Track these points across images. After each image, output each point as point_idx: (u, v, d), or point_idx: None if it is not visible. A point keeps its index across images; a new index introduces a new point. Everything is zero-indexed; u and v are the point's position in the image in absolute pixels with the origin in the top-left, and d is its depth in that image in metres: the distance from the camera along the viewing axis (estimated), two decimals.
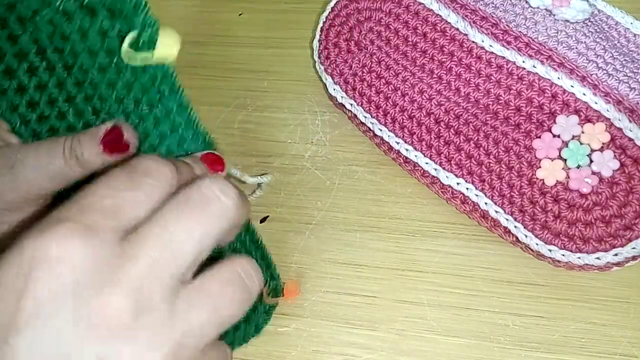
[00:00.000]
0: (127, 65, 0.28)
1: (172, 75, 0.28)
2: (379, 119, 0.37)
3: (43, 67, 0.31)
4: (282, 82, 0.43)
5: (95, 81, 0.30)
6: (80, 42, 0.29)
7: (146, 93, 0.29)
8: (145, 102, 0.29)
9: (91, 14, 0.28)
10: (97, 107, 0.30)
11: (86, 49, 0.29)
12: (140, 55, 0.27)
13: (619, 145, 0.31)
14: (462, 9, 0.36)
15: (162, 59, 0.27)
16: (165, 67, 0.28)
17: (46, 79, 0.31)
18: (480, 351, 0.33)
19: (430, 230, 0.37)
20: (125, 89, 0.29)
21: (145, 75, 0.28)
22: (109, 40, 0.28)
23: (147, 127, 0.29)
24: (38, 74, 0.31)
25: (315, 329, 0.35)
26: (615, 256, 0.30)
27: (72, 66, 0.30)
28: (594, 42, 0.34)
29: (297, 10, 0.45)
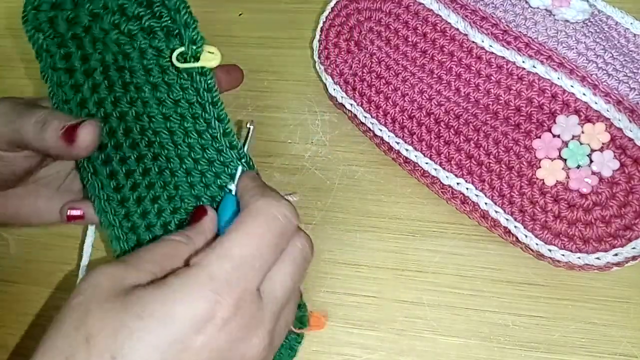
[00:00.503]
0: (174, 83, 0.32)
1: (213, 89, 0.32)
2: (379, 119, 0.37)
3: (104, 86, 0.33)
4: (282, 82, 0.43)
5: (146, 98, 0.33)
6: (138, 60, 0.32)
7: (189, 107, 0.32)
8: (189, 116, 0.32)
9: (150, 35, 0.32)
10: (145, 126, 0.33)
11: (141, 67, 0.32)
12: (185, 66, 0.31)
13: (619, 145, 0.31)
14: (462, 9, 0.36)
15: (203, 71, 0.31)
16: (208, 80, 0.31)
17: (104, 95, 0.33)
18: (480, 351, 0.33)
19: (430, 230, 0.37)
20: (172, 106, 0.32)
21: (190, 90, 0.32)
22: (163, 59, 0.32)
23: (192, 142, 0.32)
24: (99, 90, 0.33)
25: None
26: (615, 256, 0.30)
27: (129, 83, 0.33)
28: (594, 42, 0.34)
29: (297, 10, 0.45)
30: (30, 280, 0.39)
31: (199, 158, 0.32)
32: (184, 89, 0.32)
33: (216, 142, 0.32)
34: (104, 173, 0.33)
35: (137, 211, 0.33)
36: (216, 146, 0.32)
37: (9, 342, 0.38)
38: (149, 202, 0.33)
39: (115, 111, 0.33)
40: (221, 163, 0.32)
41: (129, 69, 0.33)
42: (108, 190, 0.33)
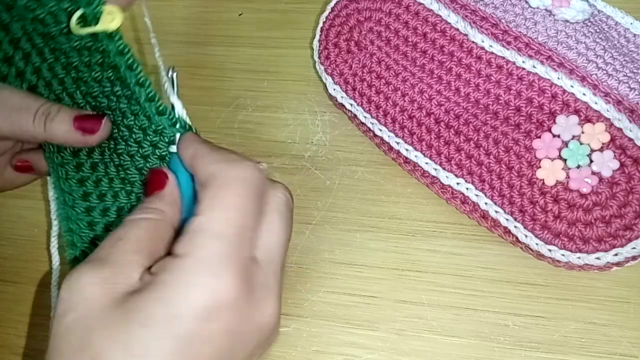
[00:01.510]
0: (85, 45, 0.30)
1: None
2: (379, 119, 0.37)
3: (35, 53, 0.32)
4: (282, 82, 0.43)
5: (74, 63, 0.32)
6: (54, 24, 0.31)
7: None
8: (117, 83, 0.31)
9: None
10: (82, 91, 0.32)
11: (59, 32, 0.31)
12: (85, 30, 0.29)
13: (619, 145, 0.31)
14: (462, 9, 0.36)
15: (104, 31, 0.29)
16: (117, 45, 0.29)
17: (38, 63, 0.32)
18: (480, 351, 0.33)
19: (430, 230, 0.37)
20: (99, 70, 0.31)
21: (111, 57, 0.30)
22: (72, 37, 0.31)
23: (122, 107, 0.31)
24: (31, 59, 0.32)
25: (315, 329, 0.35)
26: (615, 256, 0.30)
27: (55, 49, 0.32)
28: (593, 42, 0.34)
29: (297, 10, 0.45)
30: (30, 280, 0.39)
31: (131, 125, 0.31)
32: (98, 52, 0.30)
33: (143, 109, 0.30)
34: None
35: (93, 192, 0.33)
36: (146, 113, 0.30)
37: (9, 342, 0.38)
38: (92, 182, 0.33)
39: (54, 79, 0.32)
40: (154, 132, 0.30)
41: (50, 36, 0.31)
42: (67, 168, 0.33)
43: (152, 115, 0.30)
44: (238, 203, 0.25)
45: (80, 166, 0.33)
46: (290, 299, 0.36)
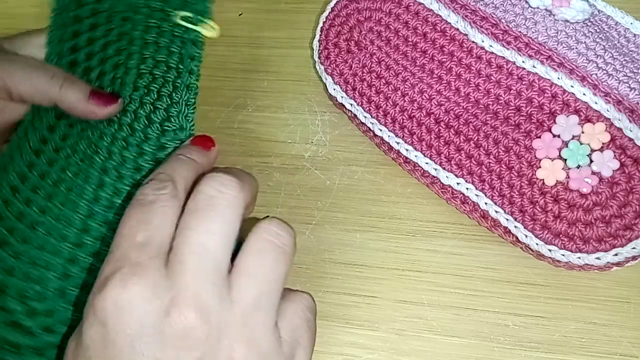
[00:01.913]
0: (166, 45, 0.34)
1: (198, 60, 0.34)
2: (379, 119, 0.37)
3: (102, 30, 0.35)
4: (282, 82, 0.43)
5: (132, 51, 0.34)
6: (145, 16, 0.35)
7: (167, 71, 0.34)
8: (160, 78, 0.34)
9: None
10: (116, 75, 0.34)
11: (143, 21, 0.35)
12: (185, 23, 0.33)
13: (619, 145, 0.31)
14: (462, 9, 0.36)
15: (199, 32, 0.34)
16: (197, 50, 0.34)
17: (97, 36, 0.35)
18: (480, 351, 0.33)
19: (430, 230, 0.37)
20: (152, 63, 0.34)
21: (174, 56, 0.34)
22: (164, 22, 0.34)
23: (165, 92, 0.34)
24: (95, 33, 0.35)
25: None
26: (615, 256, 0.30)
27: (124, 34, 0.35)
28: (594, 42, 0.34)
29: (297, 10, 0.45)
30: None
31: (144, 115, 0.33)
32: (170, 53, 0.34)
33: (174, 107, 0.33)
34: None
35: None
36: (173, 112, 0.33)
37: None
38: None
39: (99, 53, 0.34)
40: (160, 126, 0.33)
41: (132, 20, 0.34)
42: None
43: (178, 115, 0.33)
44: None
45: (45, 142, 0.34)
46: None
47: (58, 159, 0.33)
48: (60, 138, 0.33)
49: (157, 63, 0.34)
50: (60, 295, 0.28)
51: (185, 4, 0.34)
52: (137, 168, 0.32)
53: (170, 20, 0.34)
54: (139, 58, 0.34)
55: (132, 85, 0.34)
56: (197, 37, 0.34)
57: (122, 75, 0.34)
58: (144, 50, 0.34)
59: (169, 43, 0.34)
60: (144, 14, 0.35)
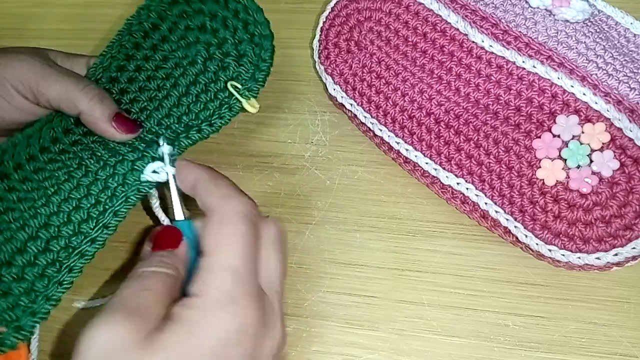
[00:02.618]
0: (204, 100, 0.37)
1: (225, 120, 0.36)
2: (379, 119, 0.37)
3: (150, 68, 0.37)
4: (282, 82, 0.42)
5: (170, 96, 0.37)
6: (199, 67, 0.37)
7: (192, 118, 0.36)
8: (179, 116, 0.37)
9: (224, 61, 0.37)
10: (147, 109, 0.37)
11: (193, 75, 0.37)
12: (233, 91, 0.36)
13: (619, 145, 0.31)
14: (462, 9, 0.36)
15: (240, 103, 0.36)
16: (227, 114, 0.36)
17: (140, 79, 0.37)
18: (480, 351, 0.33)
19: (430, 230, 0.37)
20: (182, 110, 0.37)
21: (206, 110, 0.36)
22: (213, 83, 0.37)
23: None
24: (141, 73, 0.37)
25: (315, 329, 0.35)
26: (615, 256, 0.30)
27: (169, 75, 0.37)
28: (594, 42, 0.34)
29: (297, 10, 0.45)
30: None
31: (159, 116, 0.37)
32: (205, 108, 0.36)
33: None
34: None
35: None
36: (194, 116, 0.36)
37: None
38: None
39: (141, 82, 0.37)
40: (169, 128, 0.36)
41: (184, 68, 0.37)
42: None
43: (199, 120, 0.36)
44: (240, 238, 0.27)
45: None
46: (290, 299, 0.36)
47: (58, 160, 0.35)
48: (71, 142, 0.36)
49: (188, 111, 0.36)
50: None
51: (239, 78, 0.36)
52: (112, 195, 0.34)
53: (218, 83, 0.36)
54: (175, 101, 0.36)
55: (157, 120, 0.36)
56: (236, 105, 0.36)
57: (152, 109, 0.36)
58: (183, 97, 0.37)
59: (207, 100, 0.36)
60: (197, 69, 0.37)
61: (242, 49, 0.36)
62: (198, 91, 0.36)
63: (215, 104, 0.36)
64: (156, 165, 0.34)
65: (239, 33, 0.37)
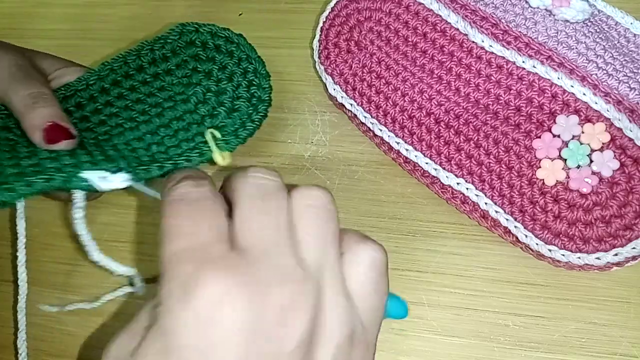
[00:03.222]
0: (185, 138, 0.36)
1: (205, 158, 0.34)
2: (379, 119, 0.37)
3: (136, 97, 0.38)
4: (282, 82, 0.42)
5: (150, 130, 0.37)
6: (187, 106, 0.37)
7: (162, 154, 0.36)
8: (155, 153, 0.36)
9: (217, 108, 0.37)
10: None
11: (176, 114, 0.37)
12: (208, 138, 0.34)
13: (619, 145, 0.31)
14: (462, 9, 0.36)
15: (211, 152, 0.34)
16: (197, 161, 0.34)
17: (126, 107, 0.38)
18: (480, 351, 0.33)
19: (430, 230, 0.37)
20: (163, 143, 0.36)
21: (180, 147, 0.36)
22: (199, 126, 0.36)
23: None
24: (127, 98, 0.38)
25: None
26: (615, 256, 0.30)
27: (155, 105, 0.37)
28: (594, 42, 0.34)
29: (297, 10, 0.45)
30: (31, 280, 0.39)
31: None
32: (178, 147, 0.36)
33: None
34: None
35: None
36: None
37: (9, 342, 0.38)
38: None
39: (116, 109, 0.37)
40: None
41: (172, 99, 0.37)
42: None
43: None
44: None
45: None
46: None
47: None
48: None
49: (160, 142, 0.36)
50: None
51: (223, 129, 0.36)
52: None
53: (201, 127, 0.36)
54: (153, 128, 0.36)
55: (127, 140, 0.36)
56: (208, 153, 0.34)
57: (128, 128, 0.36)
58: (162, 127, 0.36)
59: (183, 138, 0.36)
60: (187, 108, 0.37)
61: (237, 105, 0.37)
62: (179, 127, 0.36)
63: (189, 145, 0.36)
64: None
65: (240, 90, 0.37)
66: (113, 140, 0.36)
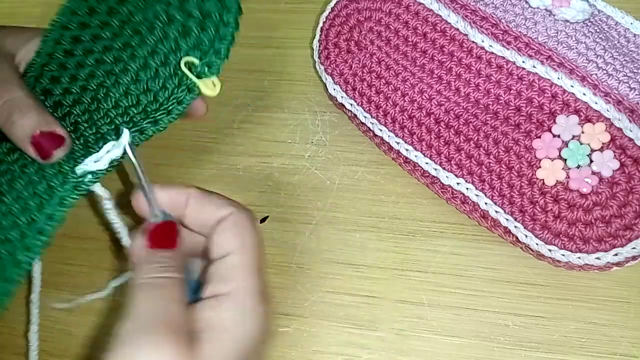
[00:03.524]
0: (162, 77, 0.32)
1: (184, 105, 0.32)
2: (379, 119, 0.37)
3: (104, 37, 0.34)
4: (282, 82, 0.43)
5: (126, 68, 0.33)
6: (156, 39, 0.33)
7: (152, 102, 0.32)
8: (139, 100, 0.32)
9: (184, 32, 0.32)
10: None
11: (149, 48, 0.33)
12: (189, 74, 0.31)
13: (619, 145, 0.31)
14: (462, 9, 0.36)
15: (200, 88, 0.31)
16: (186, 98, 0.31)
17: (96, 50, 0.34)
18: (480, 351, 0.33)
19: (430, 230, 0.37)
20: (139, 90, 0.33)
21: (166, 90, 0.32)
22: (173, 54, 0.32)
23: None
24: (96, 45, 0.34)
25: (315, 329, 0.35)
26: (615, 256, 0.30)
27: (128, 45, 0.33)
28: (594, 42, 0.34)
29: (297, 10, 0.45)
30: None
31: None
32: (163, 87, 0.32)
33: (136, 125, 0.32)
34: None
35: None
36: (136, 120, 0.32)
37: (9, 342, 0.38)
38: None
39: (97, 54, 0.34)
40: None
41: (138, 32, 0.33)
42: None
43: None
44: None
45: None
46: (290, 299, 0.36)
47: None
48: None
49: (146, 89, 0.32)
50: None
51: (201, 47, 0.31)
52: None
53: (178, 54, 0.32)
54: (133, 76, 0.33)
55: (113, 103, 0.33)
56: (194, 86, 0.31)
57: (109, 86, 0.33)
58: (141, 71, 0.33)
59: (166, 75, 0.32)
60: (156, 36, 0.33)
61: (206, 8, 0.32)
62: (157, 64, 0.32)
63: (174, 81, 0.31)
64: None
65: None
66: (104, 106, 0.33)
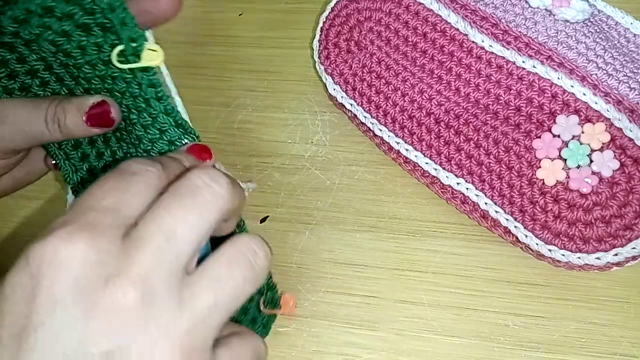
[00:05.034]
0: (119, 75, 0.30)
1: (157, 84, 0.30)
2: (379, 119, 0.37)
3: (53, 80, 0.33)
4: (282, 82, 0.43)
5: (96, 88, 0.32)
6: (81, 56, 0.31)
7: (134, 100, 0.31)
8: (133, 109, 0.31)
9: (86, 32, 0.30)
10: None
11: (85, 62, 0.31)
12: (125, 67, 0.29)
13: (619, 145, 0.31)
14: (462, 9, 0.36)
15: (145, 68, 0.29)
16: (150, 76, 0.30)
17: (58, 90, 0.33)
18: (480, 351, 0.33)
19: (430, 230, 0.37)
20: (119, 97, 0.31)
21: (133, 84, 0.30)
22: (103, 54, 0.30)
23: (138, 133, 0.31)
24: (50, 86, 0.33)
25: (315, 329, 0.35)
26: (615, 256, 0.30)
27: (77, 77, 0.32)
28: (594, 42, 0.34)
29: (297, 10, 0.45)
30: None
31: (148, 149, 0.31)
32: (127, 82, 0.30)
33: (166, 134, 0.30)
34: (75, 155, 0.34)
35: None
36: (167, 138, 0.30)
37: None
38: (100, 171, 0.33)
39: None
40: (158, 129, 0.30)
41: (74, 65, 0.31)
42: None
43: (176, 133, 0.30)
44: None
45: (86, 157, 0.33)
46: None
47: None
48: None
49: (122, 98, 0.31)
50: None
51: (116, 36, 0.30)
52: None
53: (106, 48, 0.30)
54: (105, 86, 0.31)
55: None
56: (142, 66, 0.30)
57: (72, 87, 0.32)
58: (95, 89, 0.32)
59: (120, 78, 0.31)
60: (92, 54, 0.31)
61: (89, 8, 0.30)
62: (104, 70, 0.31)
63: (128, 74, 0.30)
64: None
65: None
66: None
